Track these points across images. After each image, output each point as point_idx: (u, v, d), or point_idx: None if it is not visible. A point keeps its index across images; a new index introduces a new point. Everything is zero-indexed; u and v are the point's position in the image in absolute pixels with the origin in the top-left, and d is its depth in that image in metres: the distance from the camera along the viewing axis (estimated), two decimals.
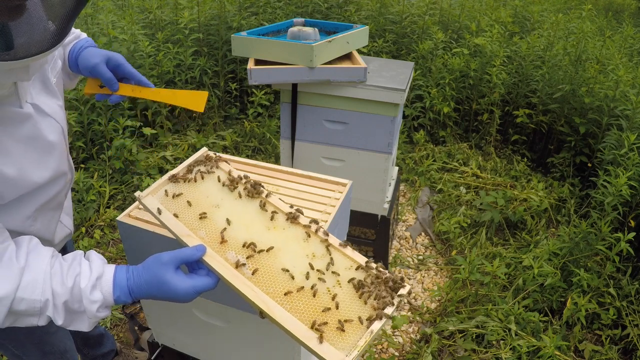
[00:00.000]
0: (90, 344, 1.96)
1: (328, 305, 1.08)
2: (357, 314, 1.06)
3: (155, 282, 1.04)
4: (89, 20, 3.70)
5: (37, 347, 1.46)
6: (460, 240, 3.03)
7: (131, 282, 1.05)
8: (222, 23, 4.02)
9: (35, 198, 1.13)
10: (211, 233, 1.20)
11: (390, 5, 4.57)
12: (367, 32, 2.59)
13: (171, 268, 1.04)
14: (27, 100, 1.05)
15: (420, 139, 3.84)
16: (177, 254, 1.07)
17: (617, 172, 2.57)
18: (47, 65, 1.18)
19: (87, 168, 3.30)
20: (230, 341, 1.60)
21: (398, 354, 2.35)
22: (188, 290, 1.04)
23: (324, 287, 1.11)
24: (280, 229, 1.23)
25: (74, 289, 1.00)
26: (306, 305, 1.08)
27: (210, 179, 1.33)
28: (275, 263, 1.15)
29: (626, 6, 7.80)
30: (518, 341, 2.14)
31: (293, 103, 2.48)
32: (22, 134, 1.03)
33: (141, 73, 3.54)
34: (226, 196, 1.30)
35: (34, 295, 0.96)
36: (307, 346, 1.01)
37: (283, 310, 1.06)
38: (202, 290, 1.07)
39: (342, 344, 1.02)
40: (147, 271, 1.05)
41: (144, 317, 2.41)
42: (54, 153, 1.13)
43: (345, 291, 1.11)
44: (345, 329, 1.03)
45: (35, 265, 0.98)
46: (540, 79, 3.81)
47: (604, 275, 2.46)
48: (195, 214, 1.23)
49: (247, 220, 1.24)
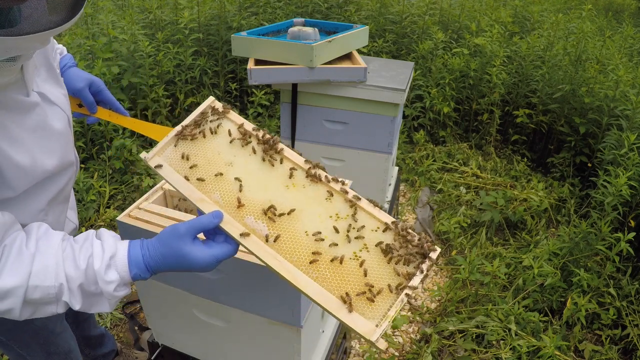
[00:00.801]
0: (91, 344, 1.96)
1: (356, 272, 1.03)
2: (387, 282, 1.02)
3: (173, 255, 1.00)
4: (89, 20, 3.70)
5: (42, 348, 1.46)
6: (460, 240, 3.03)
7: (147, 258, 1.01)
8: (222, 23, 4.02)
9: (46, 189, 1.12)
10: (226, 196, 1.11)
11: (390, 5, 4.57)
12: (367, 32, 2.59)
13: (189, 239, 1.00)
14: (33, 89, 1.06)
15: (420, 139, 3.84)
16: (193, 224, 1.02)
17: (617, 172, 2.56)
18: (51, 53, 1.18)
19: (87, 168, 3.30)
20: (230, 341, 1.59)
21: (398, 354, 2.35)
22: (209, 260, 1.00)
23: (350, 252, 1.06)
24: (300, 187, 1.15)
25: (88, 271, 0.96)
26: (333, 273, 1.03)
27: (220, 133, 1.22)
28: (298, 227, 1.08)
29: (626, 6, 7.80)
30: (518, 341, 2.13)
31: (293, 103, 2.48)
32: (31, 122, 1.03)
33: (141, 73, 3.57)
34: (239, 152, 1.19)
35: (47, 281, 0.93)
36: (335, 317, 0.98)
37: (309, 280, 1.01)
38: (224, 258, 1.03)
39: (372, 314, 0.98)
40: (164, 245, 1.00)
41: (144, 317, 2.40)
42: (61, 140, 1.13)
43: (373, 256, 1.05)
44: (374, 298, 0.99)
45: (46, 251, 0.95)
46: (540, 79, 3.81)
47: (604, 275, 2.46)
48: (207, 174, 1.14)
49: (263, 179, 1.15)
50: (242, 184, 1.13)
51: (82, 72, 1.39)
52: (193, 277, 1.46)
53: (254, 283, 1.36)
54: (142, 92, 3.64)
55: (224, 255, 1.03)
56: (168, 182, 1.13)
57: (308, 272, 1.02)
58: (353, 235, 1.08)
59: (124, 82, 3.47)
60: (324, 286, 1.01)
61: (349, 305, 0.97)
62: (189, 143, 1.19)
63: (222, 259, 1.03)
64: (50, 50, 1.18)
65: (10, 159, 0.96)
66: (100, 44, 3.44)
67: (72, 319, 1.80)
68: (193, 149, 1.18)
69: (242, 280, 1.38)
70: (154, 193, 1.58)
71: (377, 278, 1.02)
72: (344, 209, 1.12)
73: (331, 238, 1.07)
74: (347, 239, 1.07)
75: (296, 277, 1.01)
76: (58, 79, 1.19)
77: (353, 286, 1.01)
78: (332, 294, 1.00)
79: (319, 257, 1.04)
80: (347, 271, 1.03)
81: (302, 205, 1.11)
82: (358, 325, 0.96)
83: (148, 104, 3.61)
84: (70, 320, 1.76)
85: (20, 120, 1.00)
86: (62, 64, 1.40)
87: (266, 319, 1.43)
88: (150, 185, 3.18)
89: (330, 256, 1.04)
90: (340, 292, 1.00)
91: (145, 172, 3.36)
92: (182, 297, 1.55)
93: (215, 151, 1.18)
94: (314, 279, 1.01)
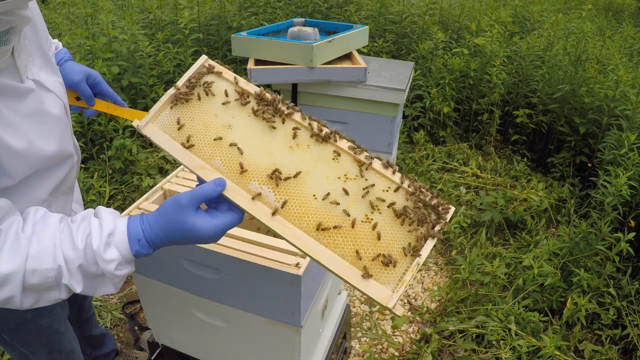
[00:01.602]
0: (92, 344, 1.97)
1: (369, 236, 0.98)
2: (401, 245, 0.98)
3: (177, 227, 0.95)
4: (89, 20, 3.70)
5: (46, 347, 1.46)
6: (460, 240, 3.03)
7: (148, 233, 0.96)
8: (222, 23, 4.02)
9: (46, 179, 1.11)
10: (228, 161, 1.06)
11: (390, 5, 4.57)
12: (367, 32, 2.59)
13: (191, 210, 0.96)
14: (28, 76, 1.05)
15: (420, 139, 3.84)
16: (195, 194, 0.97)
17: (617, 172, 2.57)
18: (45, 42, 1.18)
19: (87, 168, 3.30)
20: (230, 341, 1.59)
21: (398, 354, 2.35)
22: (215, 230, 0.97)
23: (362, 215, 1.01)
24: (304, 147, 1.08)
25: (87, 251, 0.92)
26: (345, 237, 0.98)
27: (217, 94, 1.14)
28: (305, 190, 1.03)
29: (626, 6, 7.80)
30: (518, 341, 2.13)
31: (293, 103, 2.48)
32: (26, 108, 1.02)
33: (141, 73, 3.57)
34: (238, 113, 1.12)
35: (45, 264, 0.89)
36: (350, 283, 0.94)
37: (321, 247, 0.97)
38: (229, 227, 0.99)
39: (387, 278, 0.94)
40: (165, 217, 0.96)
41: (144, 317, 2.40)
42: (59, 126, 1.12)
43: (385, 218, 1.01)
44: (389, 262, 0.95)
45: (43, 234, 0.91)
46: (540, 79, 3.81)
47: (604, 275, 2.46)
48: (206, 139, 1.08)
49: (265, 140, 1.09)
50: (244, 147, 1.07)
51: (78, 65, 1.39)
52: (193, 277, 1.46)
53: (254, 283, 1.36)
54: (142, 92, 3.64)
55: (229, 224, 0.99)
56: (164, 149, 1.07)
57: (319, 239, 0.98)
58: (363, 196, 1.03)
59: (124, 82, 3.47)
60: (337, 252, 0.97)
61: (364, 271, 0.94)
62: (184, 106, 1.12)
63: (228, 228, 0.99)
64: (45, 39, 1.17)
65: (4, 143, 0.94)
66: (100, 44, 3.44)
67: (74, 319, 1.80)
68: (188, 113, 1.11)
69: (242, 280, 1.38)
70: (153, 193, 1.58)
71: (390, 241, 0.98)
72: (353, 168, 1.06)
73: (341, 201, 1.02)
74: (358, 201, 1.02)
75: (307, 245, 0.97)
76: (53, 67, 1.18)
77: (366, 251, 0.97)
78: (345, 260, 0.96)
79: (329, 222, 0.99)
80: (360, 235, 0.98)
81: (309, 166, 1.06)
82: (373, 292, 0.92)
83: (148, 104, 3.61)
84: (72, 321, 1.77)
85: (14, 106, 0.98)
86: (58, 59, 1.40)
87: (266, 319, 1.43)
88: (150, 185, 3.18)
89: (341, 220, 1.00)
90: (352, 258, 0.96)
91: (145, 172, 3.36)
92: (182, 297, 1.55)
93: (212, 114, 1.12)
94: (325, 245, 0.97)
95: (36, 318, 1.37)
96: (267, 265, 1.30)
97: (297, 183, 1.04)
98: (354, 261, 0.96)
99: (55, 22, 4.55)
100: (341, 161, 1.07)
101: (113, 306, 2.54)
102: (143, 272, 1.59)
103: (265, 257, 1.32)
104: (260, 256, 1.32)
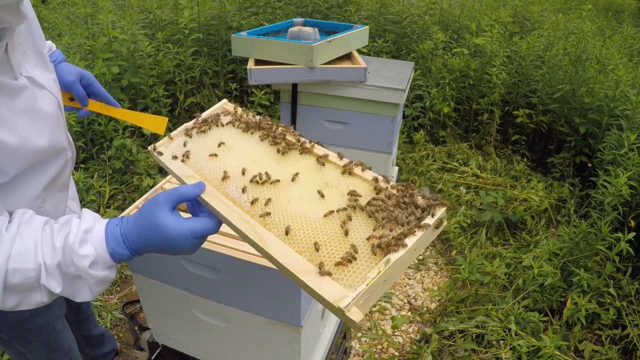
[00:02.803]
0: (92, 343, 1.97)
1: (336, 232, 0.89)
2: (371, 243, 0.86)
3: (149, 224, 0.93)
4: (89, 20, 3.70)
5: (43, 345, 1.46)
6: (460, 240, 3.03)
7: (124, 229, 0.94)
8: (222, 23, 4.02)
9: (39, 175, 1.11)
10: (215, 171, 1.09)
11: (390, 5, 4.57)
12: (367, 32, 2.59)
13: (166, 208, 0.93)
14: (22, 74, 1.06)
15: (420, 139, 3.84)
16: (173, 192, 0.96)
17: (617, 172, 2.57)
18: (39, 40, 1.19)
19: (87, 168, 3.30)
20: (230, 341, 1.59)
21: (398, 354, 2.35)
22: (183, 231, 0.92)
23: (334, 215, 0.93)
24: (292, 162, 1.10)
25: (65, 250, 0.91)
26: (309, 234, 0.90)
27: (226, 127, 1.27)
28: (281, 195, 1.00)
29: (626, 6, 7.80)
30: (518, 341, 2.13)
31: (293, 103, 2.48)
32: (19, 105, 1.02)
33: (141, 73, 3.57)
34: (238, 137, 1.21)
35: (26, 263, 0.88)
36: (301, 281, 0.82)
37: (279, 243, 0.89)
38: (200, 232, 0.95)
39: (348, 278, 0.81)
40: (140, 214, 0.94)
41: (144, 317, 2.40)
42: (52, 123, 1.13)
43: (360, 218, 0.92)
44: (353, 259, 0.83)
45: (27, 234, 0.91)
46: (540, 79, 3.81)
47: (604, 275, 2.46)
48: (201, 155, 1.16)
49: (256, 154, 1.13)
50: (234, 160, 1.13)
51: (72, 66, 1.42)
52: (193, 277, 1.46)
53: (254, 283, 1.36)
54: (142, 92, 3.64)
55: (201, 229, 0.95)
56: (163, 164, 1.16)
57: (281, 237, 0.91)
58: (339, 198, 0.97)
59: (124, 82, 3.47)
60: (295, 248, 0.88)
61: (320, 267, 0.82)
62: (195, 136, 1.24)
63: (200, 233, 0.95)
64: (39, 38, 1.18)
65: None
66: (100, 44, 3.44)
67: (72, 319, 1.80)
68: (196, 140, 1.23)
69: (242, 280, 1.38)
70: (153, 193, 1.58)
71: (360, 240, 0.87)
72: (336, 177, 1.04)
73: (315, 203, 0.97)
74: (333, 203, 0.96)
75: (265, 240, 0.90)
76: (47, 65, 1.20)
77: (328, 247, 0.87)
78: (301, 255, 0.86)
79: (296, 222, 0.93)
80: (326, 232, 0.90)
81: (290, 176, 1.05)
82: (325, 291, 0.79)
83: (148, 104, 3.61)
84: (71, 320, 1.77)
85: (7, 102, 0.99)
86: (52, 60, 1.41)
87: (266, 319, 1.43)
88: (150, 185, 3.18)
89: (309, 219, 0.93)
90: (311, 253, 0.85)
91: (145, 172, 3.36)
92: (182, 297, 1.55)
93: (216, 139, 1.21)
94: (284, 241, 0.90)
95: (34, 317, 1.37)
96: (267, 265, 1.30)
97: (274, 188, 1.03)
98: (311, 257, 0.85)
99: (55, 22, 4.55)
100: (325, 171, 1.07)
101: (113, 306, 2.54)
102: (143, 272, 1.59)
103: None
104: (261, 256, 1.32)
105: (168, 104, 3.75)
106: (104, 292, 2.61)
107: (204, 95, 4.00)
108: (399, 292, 2.74)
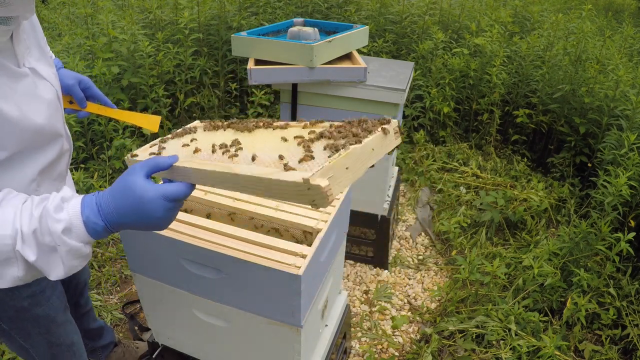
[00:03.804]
0: (90, 336, 2.00)
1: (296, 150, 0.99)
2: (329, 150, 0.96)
3: (121, 189, 0.95)
4: (89, 20, 3.70)
5: (44, 338, 1.46)
6: (460, 240, 3.03)
7: (99, 199, 0.96)
8: (222, 23, 4.02)
9: (35, 158, 1.15)
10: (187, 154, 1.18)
11: (390, 5, 4.57)
12: (367, 32, 2.59)
13: (140, 175, 0.97)
14: (24, 64, 1.10)
15: (420, 139, 3.84)
16: (148, 161, 1.01)
17: (617, 172, 2.57)
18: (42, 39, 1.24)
19: (87, 168, 3.30)
20: (230, 341, 1.60)
21: (398, 354, 2.35)
22: (155, 194, 0.95)
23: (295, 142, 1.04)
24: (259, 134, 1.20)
25: (42, 218, 0.93)
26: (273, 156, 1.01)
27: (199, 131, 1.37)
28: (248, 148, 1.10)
29: (626, 6, 7.80)
30: (518, 341, 2.13)
31: (293, 103, 2.48)
32: (20, 87, 1.06)
33: (141, 73, 3.57)
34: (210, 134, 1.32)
35: (4, 230, 0.91)
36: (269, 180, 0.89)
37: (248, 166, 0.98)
38: (172, 194, 0.97)
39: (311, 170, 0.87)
40: (116, 183, 0.98)
41: (144, 317, 2.41)
42: (50, 108, 1.16)
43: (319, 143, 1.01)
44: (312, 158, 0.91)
45: (7, 205, 0.94)
46: (540, 79, 3.81)
47: (604, 275, 2.46)
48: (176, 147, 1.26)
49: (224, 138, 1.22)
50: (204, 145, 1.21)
51: (70, 71, 1.52)
52: (193, 277, 1.46)
53: (254, 283, 1.36)
54: (142, 92, 3.64)
55: (172, 190, 0.97)
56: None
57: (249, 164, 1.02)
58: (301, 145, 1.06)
59: (124, 82, 3.47)
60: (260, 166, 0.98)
61: (285, 167, 0.90)
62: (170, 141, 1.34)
63: (171, 195, 0.97)
64: (41, 37, 1.24)
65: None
66: (100, 44, 3.44)
67: (72, 313, 1.81)
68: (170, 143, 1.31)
69: (242, 280, 1.38)
70: None
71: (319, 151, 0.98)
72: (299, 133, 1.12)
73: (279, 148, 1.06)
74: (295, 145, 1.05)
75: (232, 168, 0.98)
76: (49, 61, 1.25)
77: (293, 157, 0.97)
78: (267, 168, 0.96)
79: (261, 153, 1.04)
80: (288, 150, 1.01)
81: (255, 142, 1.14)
82: (290, 177, 0.86)
83: (148, 104, 3.61)
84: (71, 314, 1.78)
85: (9, 83, 1.03)
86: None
87: (266, 319, 1.43)
88: None
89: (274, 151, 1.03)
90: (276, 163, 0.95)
91: None
92: (182, 297, 1.55)
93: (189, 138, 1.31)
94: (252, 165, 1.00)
95: (32, 306, 1.38)
96: (267, 265, 1.30)
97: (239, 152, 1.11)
98: (276, 165, 0.94)
99: (55, 22, 4.55)
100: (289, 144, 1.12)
101: (113, 306, 2.54)
102: (143, 272, 1.59)
103: (265, 257, 1.32)
104: (260, 256, 1.32)
105: (168, 104, 3.75)
106: (104, 292, 2.62)
107: (204, 95, 4.00)
108: (399, 292, 2.74)
